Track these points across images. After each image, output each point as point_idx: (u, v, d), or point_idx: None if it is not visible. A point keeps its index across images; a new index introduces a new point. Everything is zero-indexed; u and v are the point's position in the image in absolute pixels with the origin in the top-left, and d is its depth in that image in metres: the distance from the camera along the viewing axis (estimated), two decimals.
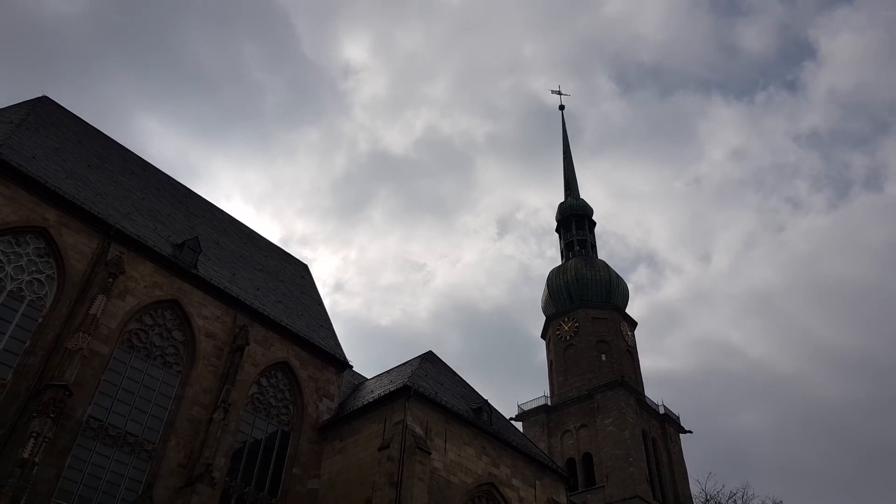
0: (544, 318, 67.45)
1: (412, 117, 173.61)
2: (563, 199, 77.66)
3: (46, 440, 21.13)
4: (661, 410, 59.12)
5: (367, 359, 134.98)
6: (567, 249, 71.70)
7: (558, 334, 63.25)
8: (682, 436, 59.69)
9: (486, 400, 34.79)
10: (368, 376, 39.25)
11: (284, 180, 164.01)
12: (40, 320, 24.58)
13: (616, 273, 67.47)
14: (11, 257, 24.95)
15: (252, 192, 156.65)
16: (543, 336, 67.03)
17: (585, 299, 63.52)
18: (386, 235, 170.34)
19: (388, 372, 37.14)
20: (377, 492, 26.94)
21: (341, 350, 36.20)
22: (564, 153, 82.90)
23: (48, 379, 22.65)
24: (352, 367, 36.20)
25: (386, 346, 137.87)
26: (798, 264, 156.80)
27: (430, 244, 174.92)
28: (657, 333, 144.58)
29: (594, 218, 74.51)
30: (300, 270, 43.90)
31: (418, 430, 28.77)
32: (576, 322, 62.56)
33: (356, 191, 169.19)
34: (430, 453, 28.16)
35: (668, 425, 58.50)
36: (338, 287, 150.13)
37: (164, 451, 25.67)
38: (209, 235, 35.97)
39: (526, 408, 59.69)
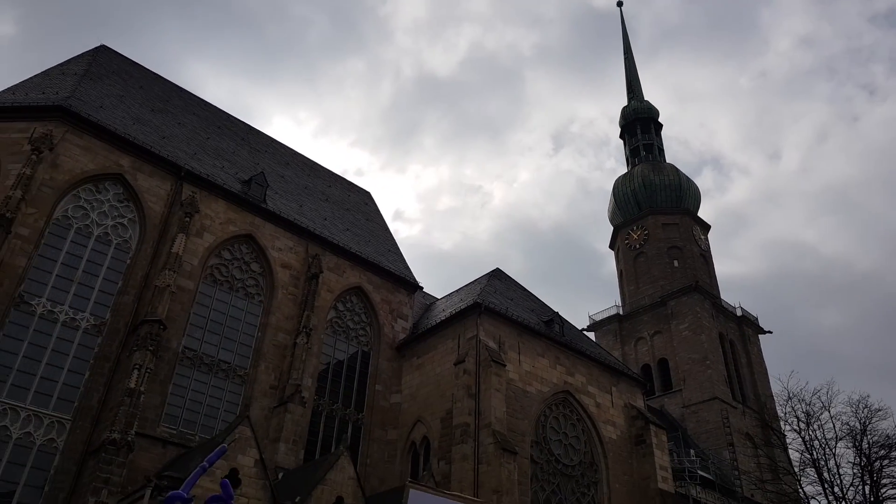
0: (609, 229, 66.44)
1: (454, 36, 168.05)
2: (624, 104, 74.56)
3: (148, 371, 22.90)
4: (739, 313, 58.10)
5: (434, 281, 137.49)
6: (633, 156, 69.38)
7: (627, 243, 62.30)
8: (761, 337, 58.72)
9: (557, 312, 35.06)
10: (438, 296, 40.09)
11: (334, 114, 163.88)
12: (128, 261, 26.10)
13: (686, 176, 65.10)
14: (94, 204, 26.32)
15: (305, 128, 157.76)
16: (612, 246, 66.18)
17: (654, 205, 61.88)
18: (439, 160, 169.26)
19: (457, 291, 37.81)
20: (457, 403, 28.04)
21: (411, 272, 36.98)
22: (626, 53, 78.85)
23: (143, 315, 24.28)
24: (422, 288, 37.01)
25: (450, 269, 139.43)
26: (876, 155, 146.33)
27: (484, 166, 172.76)
28: (726, 238, 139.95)
29: (660, 120, 71.46)
30: (363, 198, 44.50)
31: (492, 344, 29.45)
32: (645, 230, 61.30)
33: (405, 118, 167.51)
34: (504, 365, 28.90)
35: (746, 327, 57.57)
36: (397, 215, 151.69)
37: (255, 375, 27.40)
38: (273, 169, 36.74)
39: (597, 318, 59.88)
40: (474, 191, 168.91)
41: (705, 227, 63.79)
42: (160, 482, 18.50)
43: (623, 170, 70.76)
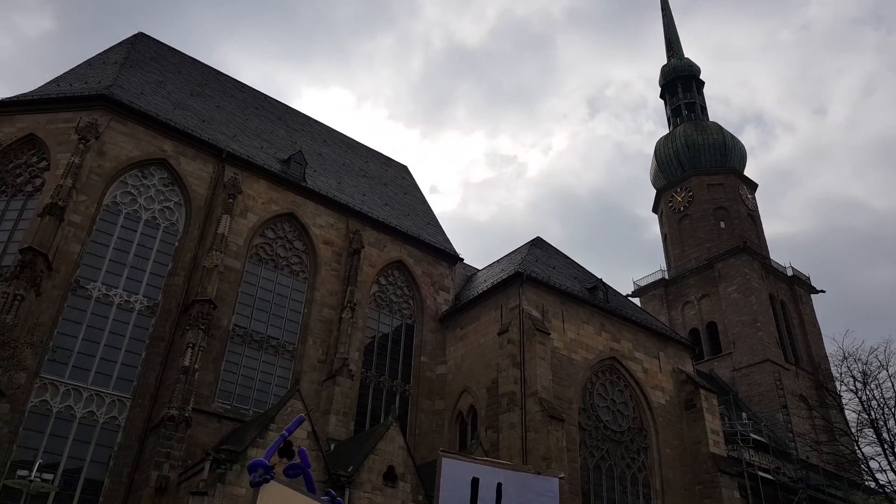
0: (650, 193, 65.01)
1: (483, 5, 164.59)
2: (662, 63, 72.30)
3: (201, 349, 23.62)
4: (789, 273, 56.48)
5: (473, 252, 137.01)
6: (674, 116, 67.41)
7: (671, 206, 60.94)
8: (813, 297, 57.05)
9: (600, 279, 34.68)
10: (479, 267, 40.08)
11: (366, 91, 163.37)
12: (176, 244, 26.80)
13: (730, 133, 63.02)
14: (141, 189, 27.01)
15: (339, 106, 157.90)
16: (655, 210, 64.85)
17: (698, 166, 60.22)
18: (472, 132, 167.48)
19: (498, 261, 37.71)
20: (502, 372, 28.17)
21: (451, 244, 37.01)
22: (663, 10, 76.18)
23: (193, 295, 24.97)
24: (462, 259, 37.04)
25: (488, 241, 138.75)
26: None
27: (518, 135, 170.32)
28: (773, 198, 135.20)
29: (701, 78, 69.13)
30: (400, 172, 44.53)
31: (535, 313, 29.37)
32: (689, 191, 59.80)
33: (437, 91, 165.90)
34: (549, 333, 28.82)
35: (798, 287, 55.97)
36: (433, 189, 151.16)
37: (303, 350, 28.01)
38: (311, 147, 37.01)
39: (642, 284, 59.03)
40: (509, 161, 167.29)
41: (752, 186, 61.90)
42: (218, 455, 19.17)
43: (663, 131, 69.00)
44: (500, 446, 26.46)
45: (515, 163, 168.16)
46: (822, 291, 57.74)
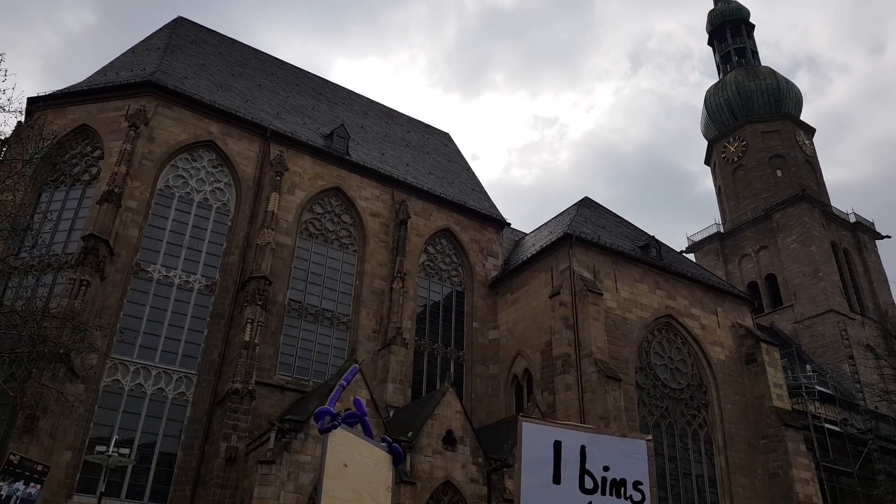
0: (700, 146, 62.86)
1: None
2: (709, 9, 69.19)
3: (260, 324, 24.28)
4: (852, 219, 54.10)
5: (519, 217, 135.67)
6: (723, 63, 64.65)
7: (724, 157, 58.87)
8: (878, 243, 54.61)
9: (653, 236, 33.95)
10: (526, 231, 39.75)
11: (402, 62, 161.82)
12: (229, 223, 27.42)
13: (784, 77, 60.15)
14: (192, 172, 27.64)
15: (377, 78, 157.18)
16: (707, 162, 62.80)
17: (751, 113, 57.79)
18: (512, 96, 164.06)
19: (546, 224, 37.29)
20: (555, 335, 28.06)
21: (497, 210, 36.76)
22: None
23: (249, 273, 25.60)
24: (509, 224, 36.77)
25: (533, 205, 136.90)
26: None
27: (559, 96, 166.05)
28: (830, 144, 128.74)
29: (751, 21, 65.90)
30: (443, 140, 44.25)
31: (586, 274, 29.02)
32: (743, 140, 57.58)
33: (473, 56, 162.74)
34: (601, 294, 28.49)
35: (861, 234, 53.59)
36: (474, 157, 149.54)
37: (357, 321, 28.49)
38: (352, 120, 37.07)
39: (696, 239, 57.54)
40: (551, 123, 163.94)
41: (809, 131, 59.15)
42: (282, 425, 19.79)
43: (710, 81, 66.51)
44: (556, 408, 26.50)
45: (557, 124, 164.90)
46: (888, 237, 55.20)
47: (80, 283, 21.58)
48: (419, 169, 36.27)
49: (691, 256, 53.50)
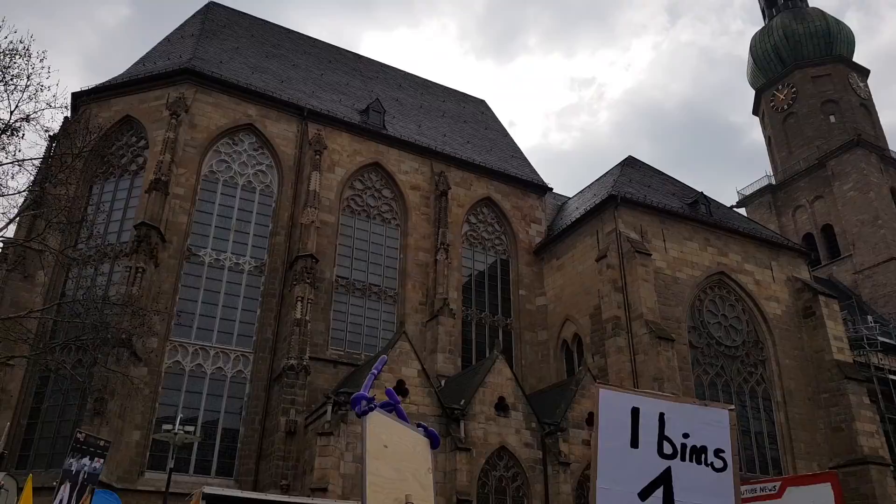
0: (745, 97, 60.49)
1: None
2: None
3: (310, 301, 24.75)
4: None
5: (561, 182, 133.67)
6: (768, 7, 61.79)
7: (773, 106, 56.58)
8: None
9: (701, 192, 33.03)
10: (569, 195, 39.18)
11: (433, 31, 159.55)
12: (273, 204, 27.85)
13: (834, 18, 57.14)
14: (234, 156, 28.07)
15: (407, 50, 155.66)
16: (755, 112, 60.50)
17: (800, 58, 55.19)
18: (546, 58, 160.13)
19: (589, 186, 36.67)
20: (604, 298, 27.75)
21: (538, 175, 36.30)
22: None
23: (295, 252, 26.03)
24: (552, 189, 36.29)
25: (575, 169, 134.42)
26: None
27: (595, 55, 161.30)
28: (884, 84, 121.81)
29: None
30: (479, 107, 43.74)
31: (633, 235, 28.50)
32: (792, 87, 55.16)
33: (505, 20, 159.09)
34: (649, 254, 27.97)
35: None
36: (512, 123, 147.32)
37: (404, 294, 28.74)
38: (387, 94, 36.93)
39: (746, 193, 55.77)
40: (588, 83, 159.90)
41: (863, 73, 56.22)
42: (338, 398, 20.24)
43: (754, 29, 63.65)
44: (608, 371, 26.34)
45: (595, 84, 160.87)
46: None
47: (136, 271, 22.32)
48: (456, 139, 36.01)
49: (742, 211, 51.95)
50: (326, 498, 17.60)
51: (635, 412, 3.77)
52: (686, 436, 3.73)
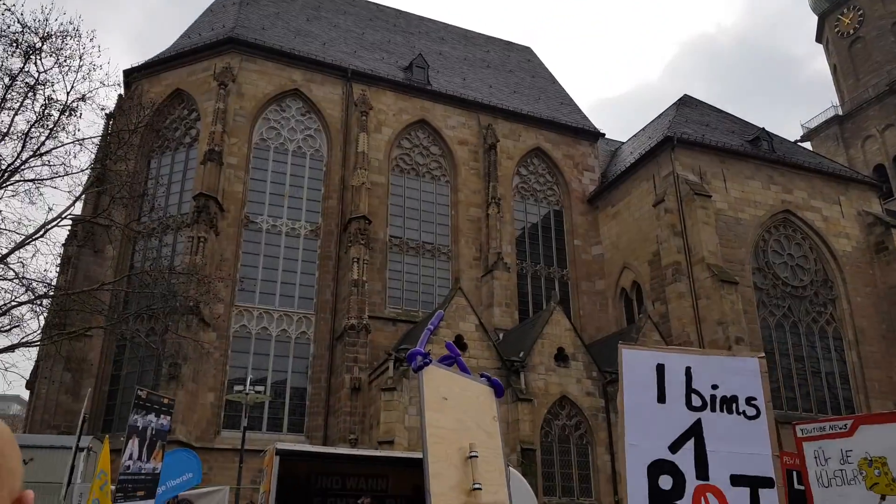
0: (805, 25, 56.82)
1: None
2: None
3: (365, 262, 25.10)
4: None
5: (614, 128, 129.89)
6: None
7: (837, 31, 53.08)
8: None
9: (762, 128, 31.53)
10: (623, 140, 38.04)
11: None
12: (324, 168, 28.08)
13: None
14: (282, 122, 28.32)
15: (448, 1, 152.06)
16: (818, 39, 56.92)
17: None
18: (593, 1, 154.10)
19: (643, 129, 35.50)
20: (662, 244, 27.11)
21: (589, 121, 35.33)
22: None
23: (349, 214, 26.31)
24: (604, 135, 35.31)
25: (628, 114, 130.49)
26: None
27: None
28: None
29: None
30: (525, 55, 42.59)
31: (691, 177, 27.56)
32: (858, 9, 51.52)
33: None
34: (709, 196, 27.04)
35: None
36: (560, 69, 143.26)
37: (457, 250, 28.77)
38: (430, 48, 36.34)
39: (811, 125, 52.98)
40: (640, 24, 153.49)
41: None
42: (399, 354, 20.61)
43: None
44: (669, 317, 25.89)
45: (646, 25, 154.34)
46: None
47: (198, 240, 23.03)
48: (503, 89, 35.28)
49: (807, 145, 49.49)
50: (394, 450, 18.12)
51: (660, 368, 3.71)
52: (715, 387, 3.68)
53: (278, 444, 10.20)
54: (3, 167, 14.26)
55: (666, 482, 3.46)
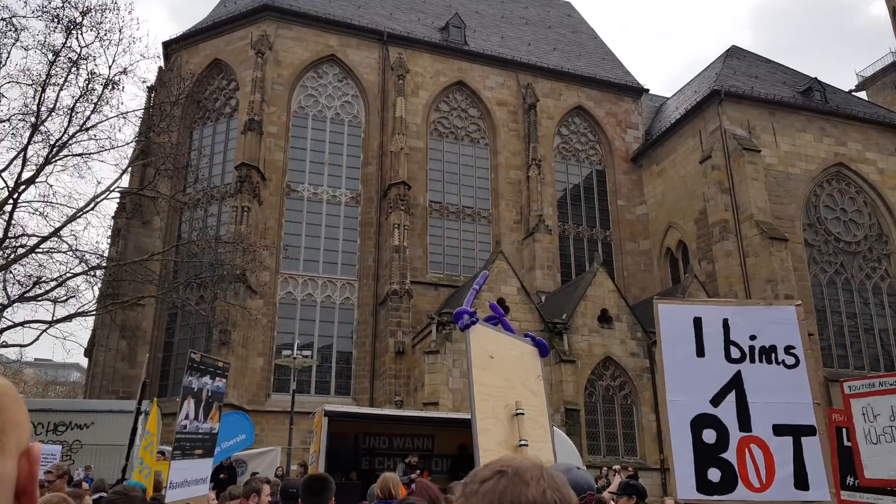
0: None
1: None
2: None
3: (406, 227, 25.17)
4: None
5: (659, 82, 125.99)
6: None
7: None
8: None
9: (815, 78, 30.13)
10: (668, 95, 36.88)
11: None
12: (362, 135, 28.06)
13: None
14: (320, 89, 28.30)
15: None
16: None
17: None
18: None
19: (689, 83, 34.32)
20: (709, 201, 26.40)
21: (632, 76, 34.31)
22: None
23: (388, 180, 26.32)
24: (648, 91, 34.26)
25: (673, 67, 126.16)
26: None
27: None
28: None
29: None
30: (564, 10, 41.39)
31: (739, 132, 26.62)
32: None
33: None
34: (758, 151, 26.12)
35: None
36: (601, 24, 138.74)
37: (497, 214, 28.58)
38: (466, 7, 35.60)
39: (867, 74, 50.38)
40: None
41: None
42: (441, 318, 20.77)
43: None
44: (716, 276, 25.35)
45: None
46: None
47: (242, 210, 23.42)
48: (542, 47, 34.44)
49: (862, 95, 47.15)
50: (438, 411, 18.39)
51: (697, 322, 3.67)
52: (753, 337, 3.64)
53: (326, 406, 10.42)
54: (52, 142, 14.66)
55: (709, 436, 3.45)
